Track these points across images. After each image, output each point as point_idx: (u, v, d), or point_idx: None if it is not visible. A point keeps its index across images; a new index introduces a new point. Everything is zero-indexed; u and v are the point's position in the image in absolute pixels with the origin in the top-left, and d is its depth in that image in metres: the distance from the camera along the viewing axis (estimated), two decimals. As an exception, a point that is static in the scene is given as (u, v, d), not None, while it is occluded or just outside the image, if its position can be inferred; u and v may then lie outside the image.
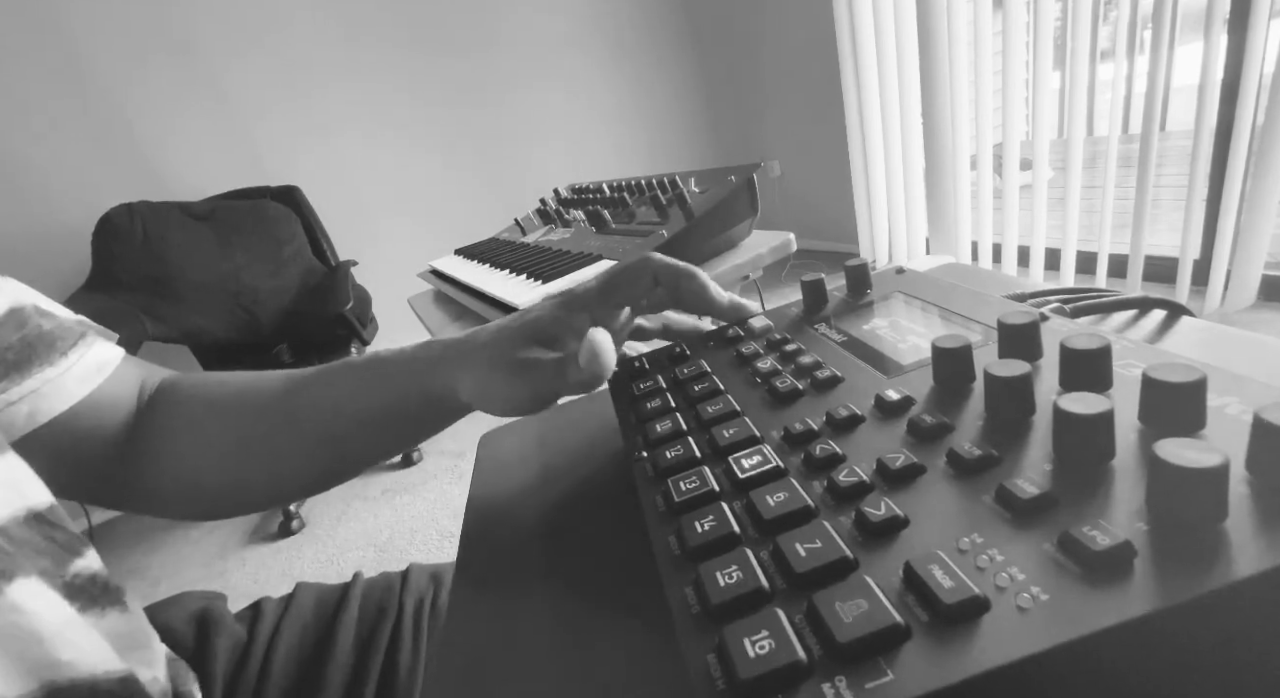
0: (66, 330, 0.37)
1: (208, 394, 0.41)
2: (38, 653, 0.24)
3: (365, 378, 0.35)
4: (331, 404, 0.36)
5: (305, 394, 0.37)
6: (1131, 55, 1.70)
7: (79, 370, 0.36)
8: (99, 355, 0.38)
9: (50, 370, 0.35)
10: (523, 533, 0.33)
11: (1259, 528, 0.14)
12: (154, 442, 0.39)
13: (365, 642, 0.47)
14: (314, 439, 0.37)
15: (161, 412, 0.40)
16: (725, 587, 0.17)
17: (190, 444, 0.39)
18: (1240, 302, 1.60)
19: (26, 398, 0.34)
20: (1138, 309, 0.37)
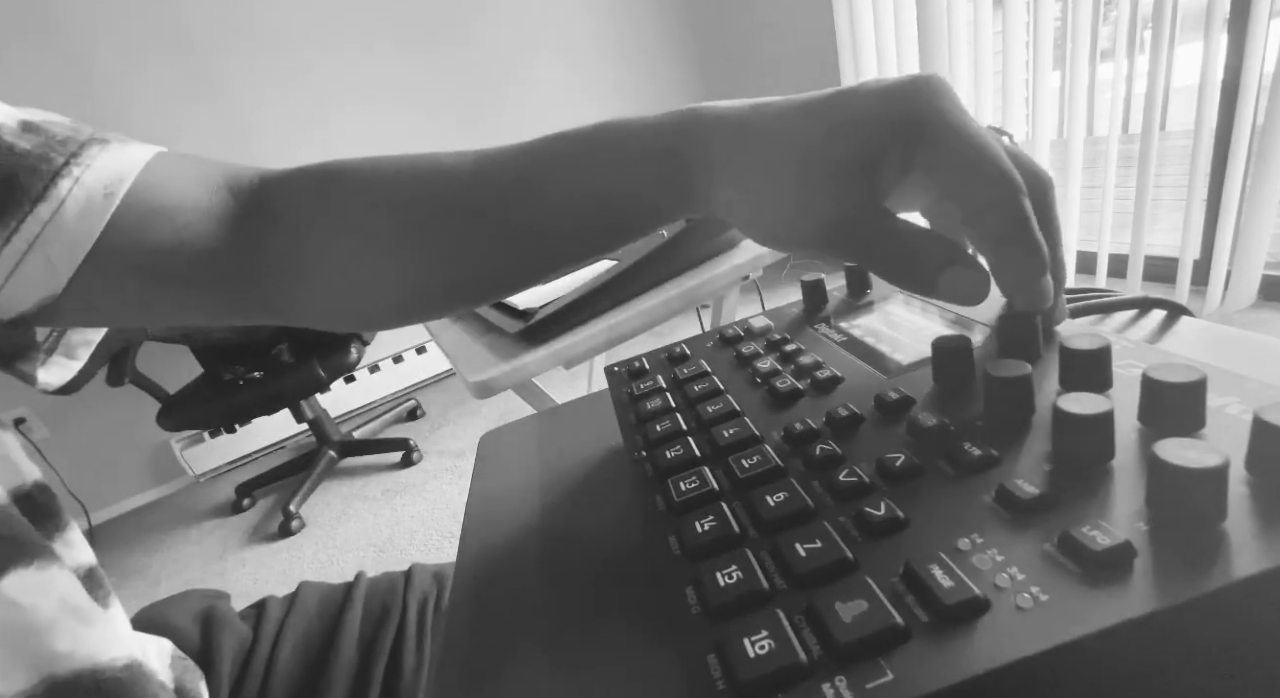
0: (57, 145, 0.28)
1: (363, 179, 0.32)
2: (35, 646, 0.24)
3: (586, 154, 0.28)
4: (540, 185, 0.29)
5: (507, 171, 0.30)
6: (1131, 55, 1.70)
7: (79, 198, 0.27)
8: (105, 170, 0.28)
9: (43, 207, 0.26)
10: (523, 533, 0.33)
11: (1259, 528, 0.14)
12: (291, 248, 0.31)
13: (369, 641, 0.47)
14: (514, 238, 0.30)
15: (290, 210, 0.32)
16: (725, 587, 0.17)
17: (351, 241, 0.31)
18: (1240, 302, 1.60)
19: (35, 246, 0.27)
20: (1138, 309, 0.37)
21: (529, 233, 0.30)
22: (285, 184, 0.33)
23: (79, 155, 0.28)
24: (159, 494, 2.23)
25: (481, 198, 0.30)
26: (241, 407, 1.69)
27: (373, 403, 2.43)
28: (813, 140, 0.23)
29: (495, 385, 0.61)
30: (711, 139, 0.25)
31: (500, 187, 0.30)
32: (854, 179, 0.22)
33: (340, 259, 0.32)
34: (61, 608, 0.25)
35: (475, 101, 2.40)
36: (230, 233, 0.31)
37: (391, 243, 0.31)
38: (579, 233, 0.30)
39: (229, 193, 0.32)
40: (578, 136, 0.28)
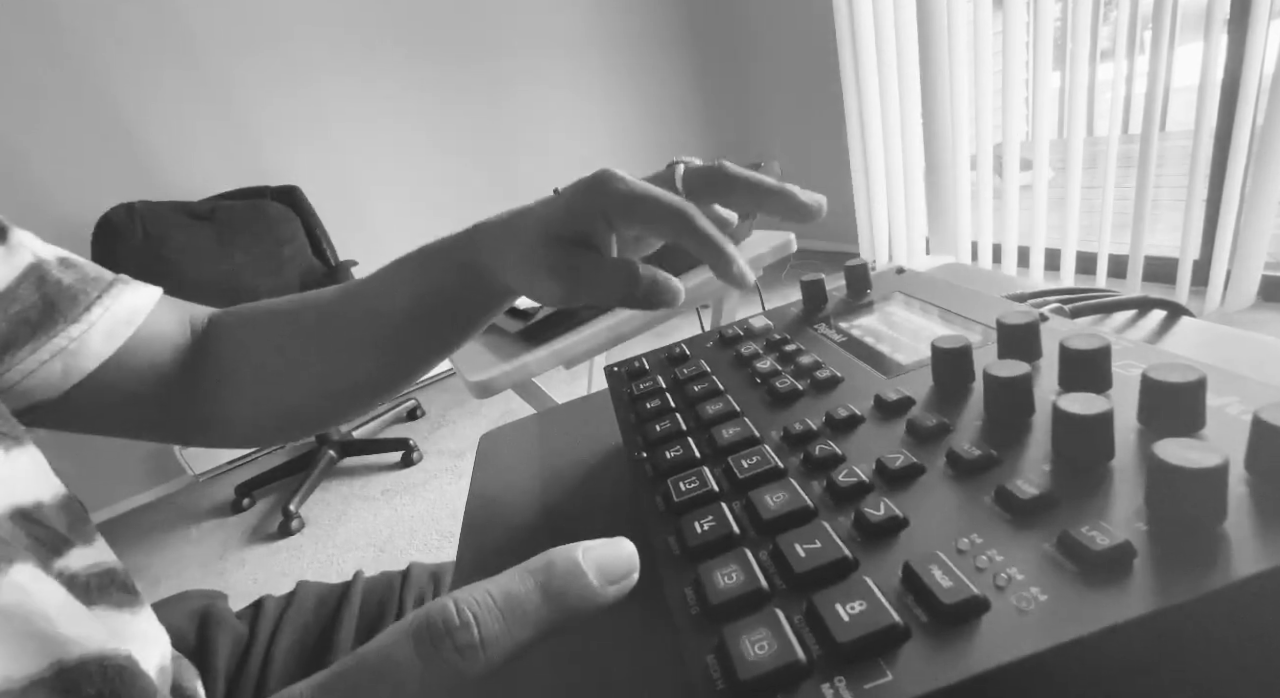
0: (90, 282, 0.36)
1: (261, 319, 0.41)
2: (46, 630, 0.24)
3: (411, 265, 0.36)
4: (386, 300, 0.36)
5: (358, 297, 0.38)
6: (1131, 55, 1.70)
7: (106, 324, 0.36)
8: (128, 304, 0.37)
9: (74, 328, 0.34)
10: (523, 533, 0.33)
11: (1258, 528, 0.14)
12: (212, 374, 0.39)
13: (366, 640, 0.47)
14: (373, 342, 0.37)
15: (215, 342, 0.40)
16: (725, 587, 0.17)
17: (249, 370, 0.39)
18: (1240, 302, 1.60)
19: (58, 356, 0.34)
20: (1137, 309, 0.37)
21: (381, 345, 0.38)
22: (221, 321, 0.42)
23: (109, 290, 0.37)
24: (159, 494, 2.23)
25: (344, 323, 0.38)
26: (241, 406, 1.68)
27: (372, 403, 2.43)
28: (544, 229, 0.30)
29: (495, 385, 0.61)
30: (486, 243, 0.34)
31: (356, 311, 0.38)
32: (568, 247, 0.30)
33: (246, 383, 0.40)
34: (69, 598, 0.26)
35: (480, 111, 2.40)
36: (183, 364, 0.39)
37: (281, 368, 0.39)
38: (416, 336, 0.37)
39: (190, 329, 0.41)
40: (403, 261, 0.37)
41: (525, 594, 0.15)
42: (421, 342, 0.38)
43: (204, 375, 0.39)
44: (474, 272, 0.34)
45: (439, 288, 0.35)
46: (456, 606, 0.15)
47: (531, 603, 0.15)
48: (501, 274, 0.32)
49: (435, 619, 0.15)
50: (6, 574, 0.24)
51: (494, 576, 0.16)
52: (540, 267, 0.30)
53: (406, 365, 0.39)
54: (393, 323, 0.36)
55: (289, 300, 0.40)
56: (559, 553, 0.16)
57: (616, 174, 0.30)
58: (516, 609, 0.15)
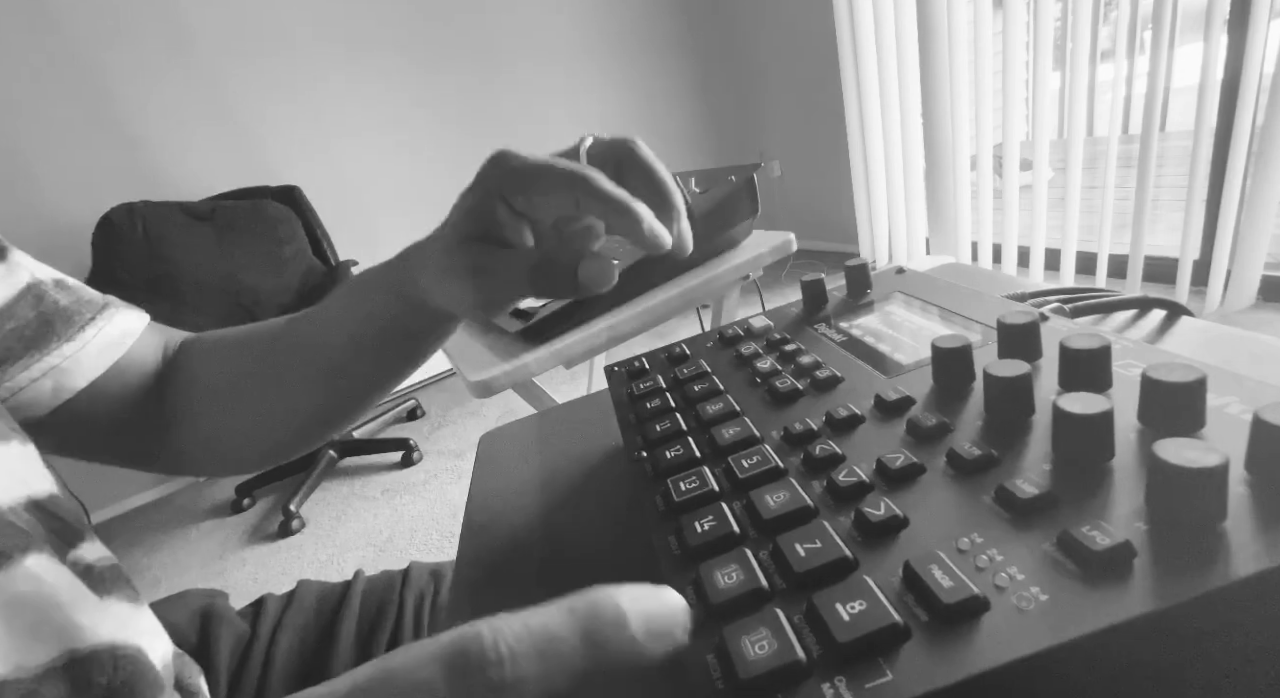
0: (84, 304, 0.37)
1: (215, 347, 0.41)
2: (59, 619, 0.24)
3: (352, 294, 0.35)
4: (327, 330, 0.36)
5: (303, 326, 0.37)
6: (1131, 56, 1.70)
7: (98, 343, 0.36)
8: (120, 326, 0.38)
9: (69, 346, 0.35)
10: (523, 533, 0.33)
11: (1259, 528, 0.14)
12: (174, 402, 0.40)
13: (366, 638, 0.47)
14: (317, 371, 0.37)
15: (178, 371, 0.41)
16: (725, 587, 0.17)
17: (206, 399, 0.39)
18: (1240, 302, 1.60)
19: (49, 374, 0.34)
20: (1138, 309, 0.37)
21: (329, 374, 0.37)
22: (185, 350, 0.42)
23: (103, 312, 0.38)
24: (159, 494, 2.23)
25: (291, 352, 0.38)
26: (241, 406, 1.68)
27: (372, 403, 2.43)
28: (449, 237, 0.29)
29: (495, 385, 0.61)
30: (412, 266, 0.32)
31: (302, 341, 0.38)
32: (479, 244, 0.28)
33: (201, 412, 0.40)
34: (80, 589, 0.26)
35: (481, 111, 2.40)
36: (152, 388, 0.40)
37: (234, 397, 0.39)
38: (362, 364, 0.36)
39: (162, 355, 0.41)
40: (345, 288, 0.36)
41: (565, 637, 0.14)
42: (367, 372, 0.37)
43: (167, 404, 0.40)
44: (408, 296, 0.32)
45: (377, 316, 0.34)
46: (494, 638, 0.14)
47: (570, 647, 0.14)
48: (424, 292, 0.31)
49: (470, 649, 0.13)
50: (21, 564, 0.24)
51: (533, 607, 0.14)
52: (457, 274, 0.28)
53: (354, 396, 0.39)
54: (336, 354, 0.36)
55: (243, 330, 0.41)
56: (603, 596, 0.14)
57: (510, 151, 0.28)
58: (554, 652, 0.14)
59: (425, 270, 0.30)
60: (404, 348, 0.36)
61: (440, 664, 0.13)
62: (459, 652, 0.13)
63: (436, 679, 0.13)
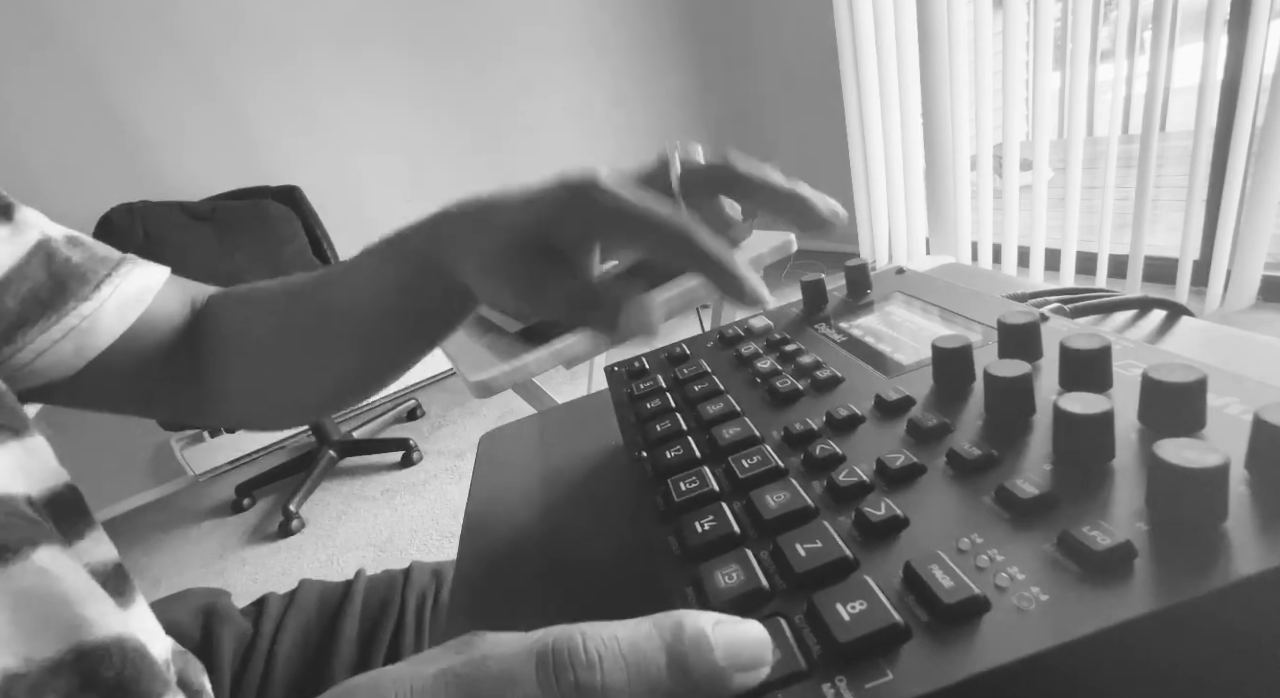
0: (100, 261, 0.36)
1: (245, 303, 0.40)
2: (66, 614, 0.24)
3: (385, 262, 0.33)
4: (357, 297, 0.34)
5: (334, 290, 0.36)
6: (1131, 56, 1.70)
7: (117, 301, 0.36)
8: (138, 281, 0.37)
9: (86, 305, 0.34)
10: (523, 533, 0.33)
11: (1259, 528, 0.14)
12: (205, 354, 0.39)
13: (368, 637, 0.47)
14: (348, 337, 0.36)
15: (209, 323, 0.40)
16: (725, 587, 0.17)
17: (237, 351, 0.39)
18: (1240, 302, 1.60)
19: (69, 335, 0.34)
20: (1138, 309, 0.37)
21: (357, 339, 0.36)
22: (214, 303, 0.41)
23: (118, 268, 0.37)
24: (159, 494, 2.23)
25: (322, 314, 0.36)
26: (241, 406, 1.69)
27: (373, 403, 2.43)
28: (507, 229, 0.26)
29: (495, 385, 0.61)
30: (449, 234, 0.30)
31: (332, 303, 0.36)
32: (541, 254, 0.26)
33: (234, 366, 0.39)
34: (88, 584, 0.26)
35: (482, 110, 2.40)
36: (181, 343, 0.39)
37: (269, 353, 0.38)
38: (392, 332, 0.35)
39: (190, 309, 0.40)
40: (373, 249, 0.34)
41: (651, 653, 0.14)
42: (398, 341, 0.36)
43: (199, 355, 0.39)
44: (433, 266, 0.30)
45: (409, 289, 0.32)
46: (584, 640, 0.14)
47: (656, 664, 0.14)
48: (461, 275, 0.29)
49: (561, 648, 0.14)
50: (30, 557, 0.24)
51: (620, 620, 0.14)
52: (502, 275, 0.27)
53: (386, 363, 0.38)
54: (365, 322, 0.35)
55: (272, 287, 0.39)
56: (688, 618, 0.14)
57: (603, 181, 0.25)
58: (641, 665, 0.14)
59: (468, 259, 0.28)
60: (434, 322, 0.35)
61: (534, 659, 0.13)
62: (550, 649, 0.14)
63: (528, 673, 0.13)
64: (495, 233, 0.27)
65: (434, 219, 0.31)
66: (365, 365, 0.38)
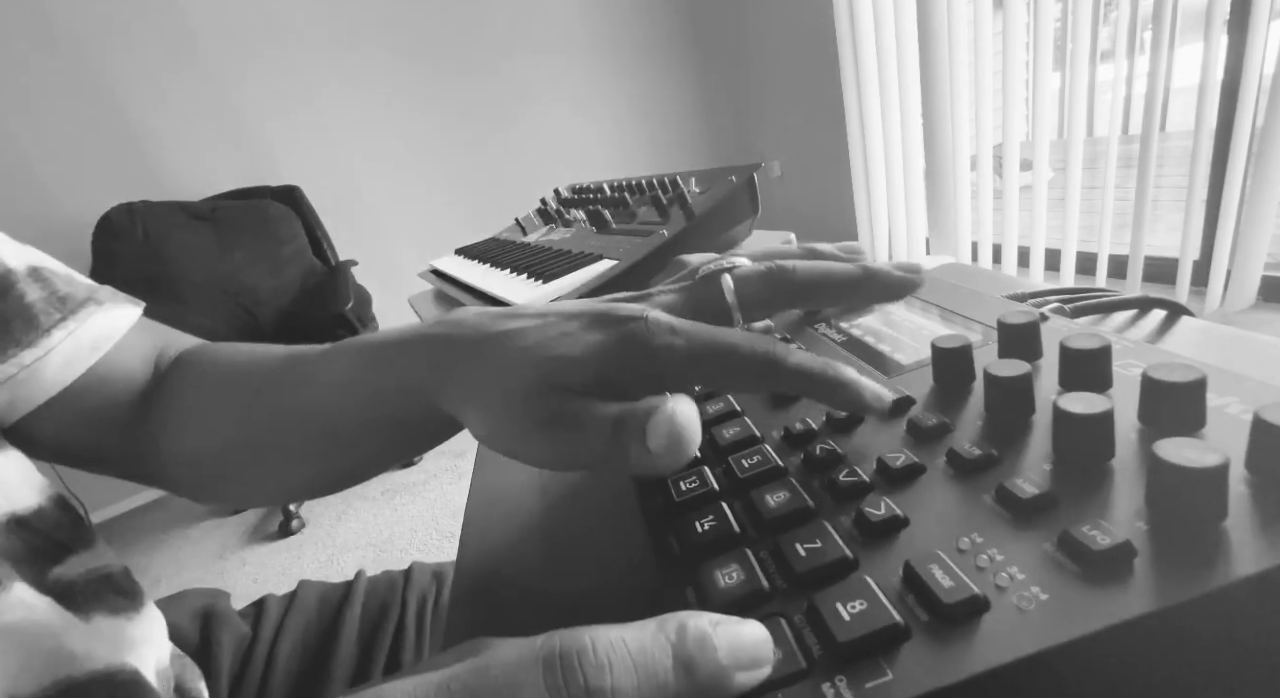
0: (57, 302, 0.32)
1: (214, 368, 0.36)
2: (51, 647, 0.24)
3: (366, 363, 0.28)
4: (330, 395, 0.30)
5: (306, 384, 0.31)
6: (1131, 56, 1.70)
7: (66, 350, 0.31)
8: (97, 328, 0.33)
9: (28, 353, 0.30)
10: (523, 533, 0.33)
11: (1259, 528, 0.14)
12: (160, 417, 0.35)
13: (368, 639, 0.47)
14: (314, 436, 0.31)
15: (170, 385, 0.36)
16: (725, 587, 0.17)
17: (192, 422, 0.35)
18: (1240, 302, 1.60)
19: (5, 385, 0.30)
20: (1138, 309, 0.37)
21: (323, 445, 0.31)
22: (181, 363, 0.37)
23: (76, 313, 0.32)
24: (159, 494, 2.23)
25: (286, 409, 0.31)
26: (241, 406, 1.69)
27: (372, 403, 2.43)
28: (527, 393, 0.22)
29: (495, 385, 0.61)
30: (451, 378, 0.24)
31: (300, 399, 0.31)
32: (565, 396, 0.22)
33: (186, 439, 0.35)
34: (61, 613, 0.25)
35: (481, 110, 2.40)
36: (139, 403, 0.35)
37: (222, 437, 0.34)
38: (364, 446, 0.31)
39: (154, 365, 0.37)
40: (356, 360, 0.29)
41: (658, 655, 0.14)
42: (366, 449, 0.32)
43: (155, 425, 0.35)
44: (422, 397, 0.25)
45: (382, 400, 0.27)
46: (594, 643, 0.14)
47: (663, 666, 0.14)
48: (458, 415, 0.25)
49: (569, 651, 0.13)
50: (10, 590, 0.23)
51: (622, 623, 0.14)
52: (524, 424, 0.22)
53: (349, 474, 0.34)
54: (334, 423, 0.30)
55: (246, 355, 0.35)
56: (690, 619, 0.14)
57: (660, 324, 0.22)
58: (649, 668, 0.13)
59: (473, 402, 0.23)
60: (414, 441, 0.31)
61: (539, 664, 0.13)
62: (558, 653, 0.13)
63: (534, 680, 0.13)
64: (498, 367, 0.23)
65: (427, 344, 0.26)
66: (332, 468, 0.33)
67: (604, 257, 0.72)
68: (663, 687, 0.13)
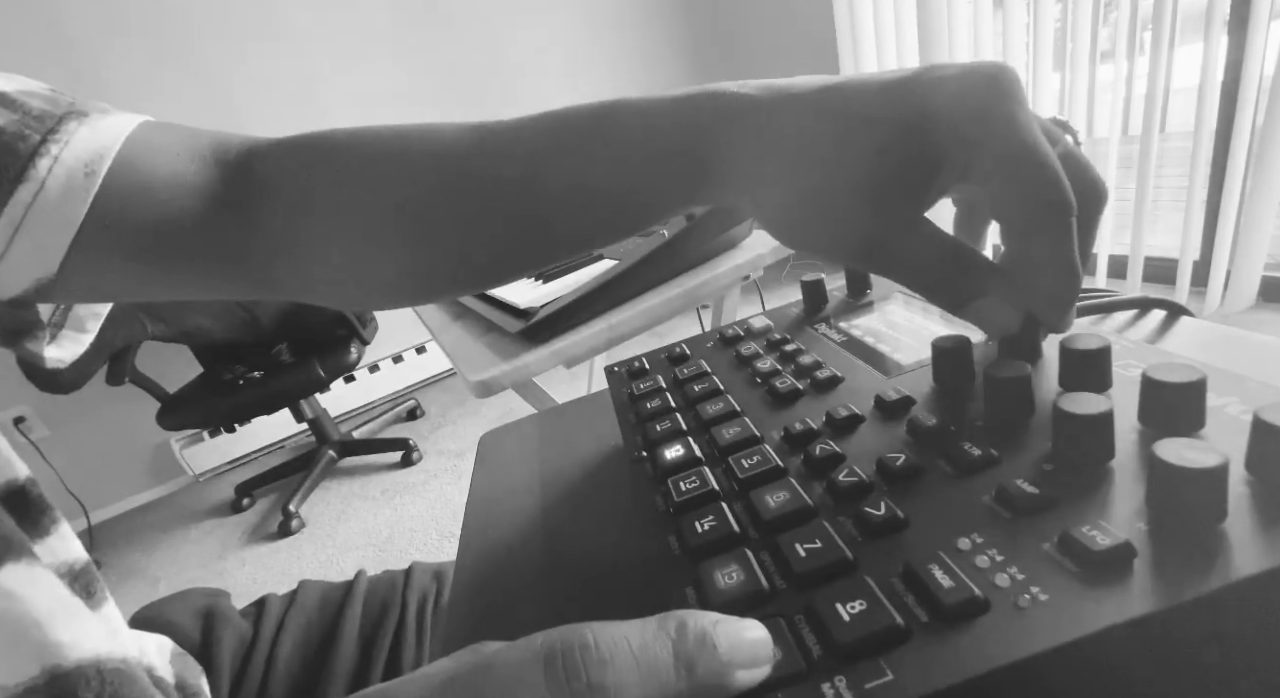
0: (32, 121, 0.26)
1: (359, 154, 0.30)
2: (37, 636, 0.23)
3: (600, 146, 0.25)
4: (542, 175, 0.27)
5: (507, 158, 0.28)
6: (1131, 56, 1.70)
7: (60, 177, 0.26)
8: (85, 146, 0.27)
9: (24, 189, 0.25)
10: (523, 533, 0.33)
11: (1259, 528, 0.14)
12: (283, 227, 0.30)
13: (369, 639, 0.47)
14: (509, 219, 0.28)
15: (282, 185, 0.30)
16: (725, 587, 0.17)
17: (347, 222, 0.30)
18: (1240, 302, 1.60)
19: (21, 231, 0.26)
20: (1137, 309, 0.37)
21: (527, 222, 0.28)
22: (275, 157, 0.31)
23: (56, 132, 0.26)
24: (158, 494, 2.23)
25: (480, 183, 0.28)
26: (241, 406, 1.69)
27: (373, 403, 2.43)
28: (852, 157, 0.20)
29: (496, 385, 0.61)
30: (734, 138, 0.23)
31: (498, 172, 0.28)
32: (900, 192, 0.20)
33: (335, 239, 0.30)
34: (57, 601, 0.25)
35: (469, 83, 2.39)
36: (218, 207, 0.29)
37: (387, 225, 0.30)
38: (579, 226, 0.28)
39: (215, 165, 0.30)
40: (584, 123, 0.26)
41: (660, 652, 0.14)
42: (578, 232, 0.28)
43: (262, 224, 0.30)
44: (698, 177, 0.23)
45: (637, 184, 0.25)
46: (596, 639, 0.13)
47: (664, 663, 0.13)
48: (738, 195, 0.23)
49: (571, 648, 0.13)
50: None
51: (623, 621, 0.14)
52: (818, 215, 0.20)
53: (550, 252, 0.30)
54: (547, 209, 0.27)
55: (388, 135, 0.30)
56: (691, 617, 0.14)
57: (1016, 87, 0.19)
58: (651, 665, 0.13)
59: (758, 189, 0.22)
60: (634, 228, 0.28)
61: (541, 662, 0.13)
62: (560, 650, 0.13)
63: (536, 678, 0.13)
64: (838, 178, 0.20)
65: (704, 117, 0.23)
66: (512, 253, 0.30)
67: (604, 256, 0.72)
68: (664, 684, 0.13)
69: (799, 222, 0.22)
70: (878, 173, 0.20)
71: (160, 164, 0.29)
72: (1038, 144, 0.19)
